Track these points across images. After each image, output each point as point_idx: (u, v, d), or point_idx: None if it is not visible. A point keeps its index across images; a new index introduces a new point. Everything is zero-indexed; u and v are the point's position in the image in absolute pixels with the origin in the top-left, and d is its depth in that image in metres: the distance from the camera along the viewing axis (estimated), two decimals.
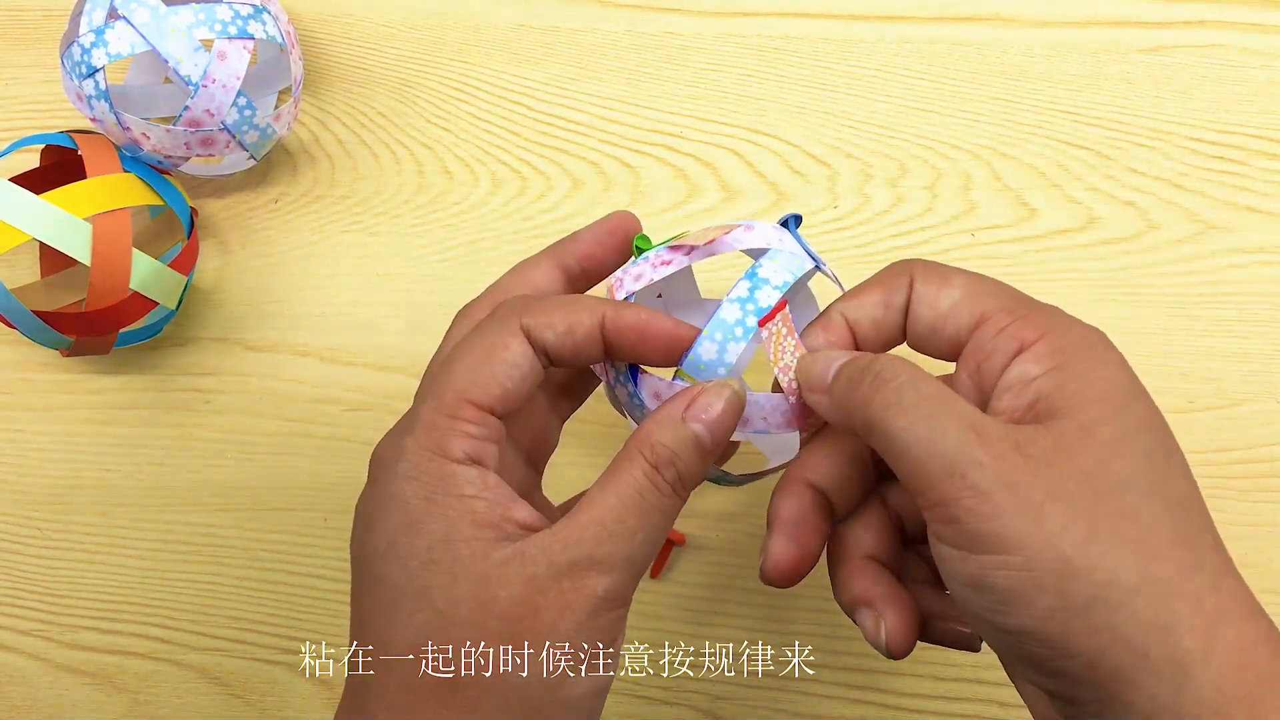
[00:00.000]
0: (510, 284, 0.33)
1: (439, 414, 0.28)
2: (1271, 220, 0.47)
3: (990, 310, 0.29)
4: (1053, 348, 0.28)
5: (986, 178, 0.48)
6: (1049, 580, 0.25)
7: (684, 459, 0.29)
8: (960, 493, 0.25)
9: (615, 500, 0.28)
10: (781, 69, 0.49)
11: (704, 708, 0.44)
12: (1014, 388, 0.28)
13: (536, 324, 0.29)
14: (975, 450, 0.26)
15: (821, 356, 0.30)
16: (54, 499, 0.47)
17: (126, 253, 0.42)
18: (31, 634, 0.47)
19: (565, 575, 0.27)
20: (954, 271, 0.31)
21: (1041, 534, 0.25)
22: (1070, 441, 0.26)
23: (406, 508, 0.28)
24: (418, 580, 0.27)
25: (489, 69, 0.50)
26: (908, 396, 0.27)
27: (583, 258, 0.34)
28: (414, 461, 0.28)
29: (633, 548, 0.28)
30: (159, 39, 0.41)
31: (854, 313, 0.31)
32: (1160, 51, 0.48)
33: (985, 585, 0.25)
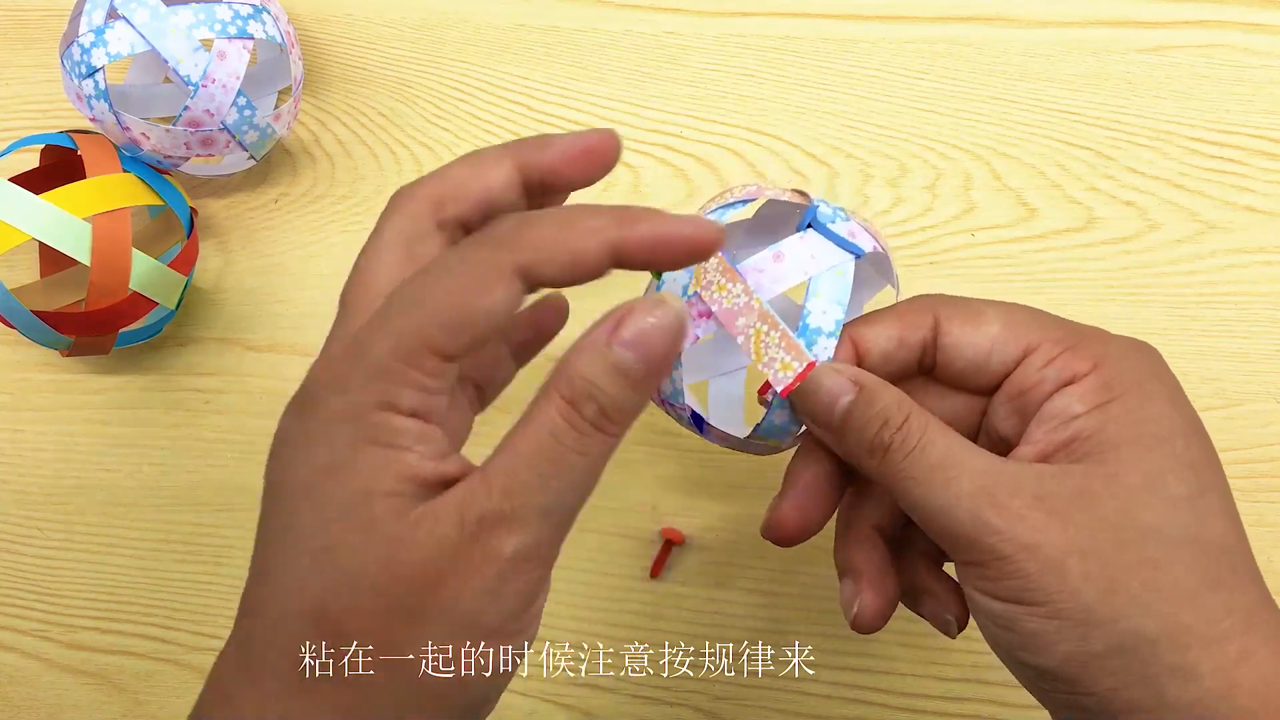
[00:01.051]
0: (461, 175, 0.28)
1: (395, 359, 0.24)
2: (1272, 220, 0.47)
3: (1037, 341, 0.29)
4: (1103, 382, 0.27)
5: (986, 178, 0.48)
6: (1071, 629, 0.25)
7: (608, 391, 0.24)
8: (982, 557, 0.26)
9: (526, 445, 0.24)
10: (781, 69, 0.49)
11: (704, 708, 0.44)
12: (1053, 422, 0.28)
13: (536, 260, 0.25)
14: (990, 517, 0.26)
15: (824, 380, 0.29)
16: (54, 499, 0.47)
17: (126, 253, 0.42)
18: (31, 634, 0.47)
19: (472, 535, 0.24)
20: (984, 305, 0.30)
21: (1065, 588, 0.25)
22: (1096, 489, 0.26)
23: (333, 450, 0.25)
24: (325, 534, 0.25)
25: (489, 69, 0.50)
26: (919, 468, 0.27)
27: (547, 170, 0.29)
28: (355, 402, 0.25)
29: (547, 497, 0.24)
30: (159, 39, 0.41)
31: (866, 340, 0.30)
32: (1160, 51, 0.48)
33: (1011, 628, 0.26)
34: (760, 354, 0.30)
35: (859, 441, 0.28)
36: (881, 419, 0.28)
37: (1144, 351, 0.29)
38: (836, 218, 0.32)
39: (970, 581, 0.27)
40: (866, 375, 0.29)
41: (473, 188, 0.28)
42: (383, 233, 0.28)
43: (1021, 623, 0.26)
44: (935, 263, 0.47)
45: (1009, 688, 0.43)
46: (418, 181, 0.28)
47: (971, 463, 0.27)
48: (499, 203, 0.28)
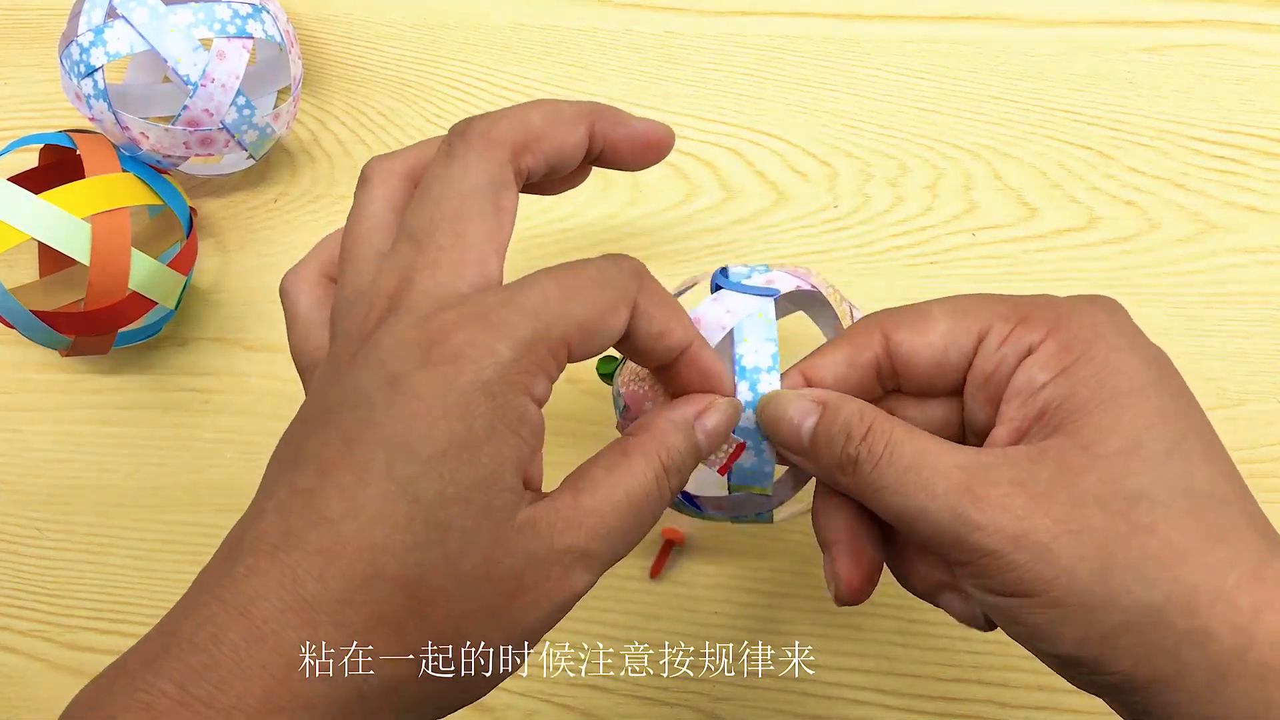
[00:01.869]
0: (541, 126, 0.28)
1: (542, 343, 0.25)
2: (1273, 220, 0.47)
3: (987, 323, 0.28)
4: (1060, 345, 0.27)
5: (987, 177, 0.48)
6: (1075, 614, 0.25)
7: (688, 465, 0.28)
8: (970, 556, 0.26)
9: (624, 497, 0.26)
10: (781, 69, 0.49)
11: (704, 708, 0.44)
12: (1020, 396, 0.27)
13: (642, 309, 0.27)
14: (970, 513, 0.25)
15: (788, 406, 0.29)
16: (53, 499, 0.47)
17: (125, 252, 0.42)
18: (31, 634, 0.47)
19: (558, 561, 0.25)
20: (928, 305, 0.29)
21: (1058, 573, 0.25)
22: (1075, 463, 0.25)
23: (473, 426, 0.24)
24: (446, 510, 0.24)
25: (489, 69, 0.50)
26: (889, 477, 0.27)
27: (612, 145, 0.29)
28: (498, 377, 0.24)
29: (621, 550, 0.27)
30: (158, 38, 0.41)
31: (816, 370, 0.30)
32: (1162, 51, 0.48)
33: (1015, 621, 0.26)
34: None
35: (829, 461, 0.28)
36: (844, 433, 0.28)
37: (1097, 304, 0.28)
38: (752, 274, 0.33)
39: (966, 580, 0.27)
40: (829, 393, 0.29)
41: (550, 143, 0.28)
42: (467, 174, 0.27)
43: (1025, 615, 0.25)
44: (936, 262, 0.47)
45: (1009, 688, 0.43)
46: (493, 119, 0.27)
47: (943, 460, 0.26)
48: (568, 162, 0.29)
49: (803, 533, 0.45)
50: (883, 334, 0.29)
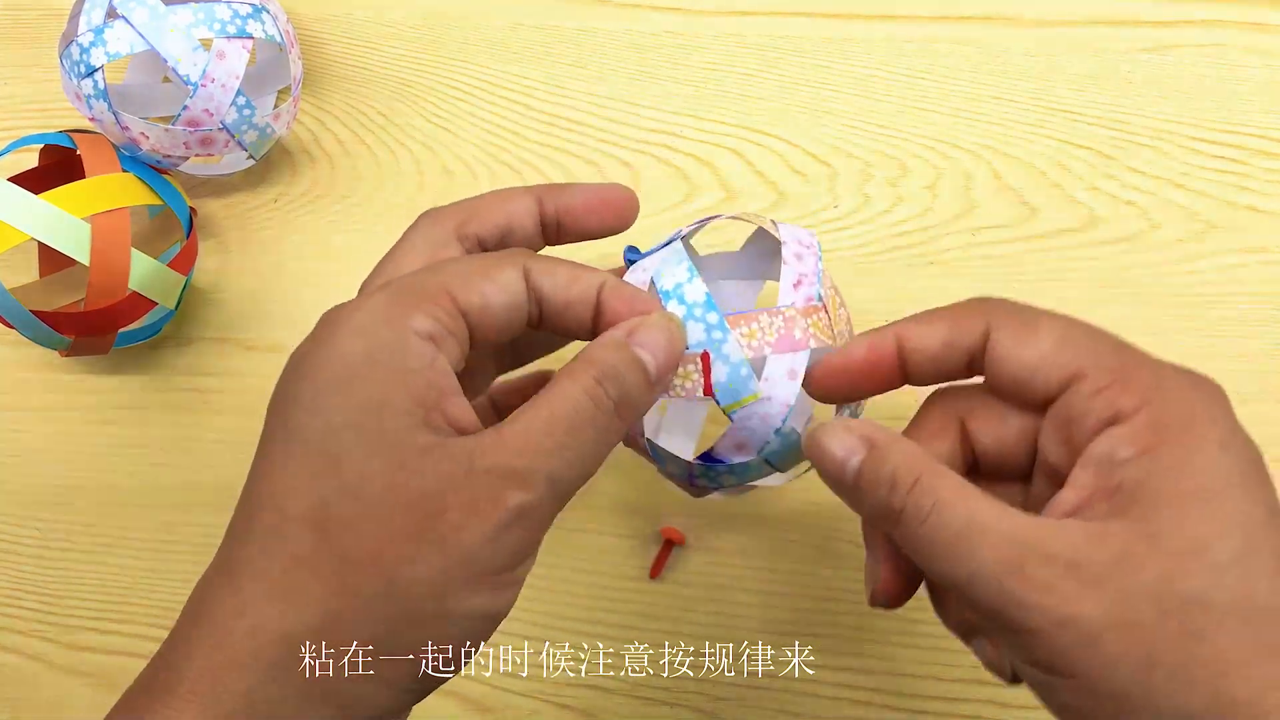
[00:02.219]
0: (486, 202, 0.31)
1: (411, 289, 0.27)
2: (1273, 220, 0.47)
3: (1086, 367, 0.27)
4: (1151, 422, 0.26)
5: (987, 177, 0.48)
6: (1108, 704, 0.24)
7: (628, 379, 0.27)
8: (1013, 629, 0.25)
9: (547, 413, 0.26)
10: (781, 69, 0.49)
11: (704, 708, 0.44)
12: (1100, 465, 0.26)
13: (539, 267, 0.28)
14: (1019, 592, 0.24)
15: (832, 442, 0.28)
16: (53, 499, 0.47)
17: (125, 252, 0.42)
18: (31, 634, 0.47)
19: (481, 480, 0.25)
20: (1041, 316, 0.28)
21: (1100, 664, 0.24)
22: (1136, 552, 0.24)
23: (345, 361, 0.26)
24: (334, 441, 0.25)
25: (489, 69, 0.50)
26: (937, 537, 0.26)
27: (564, 210, 0.32)
28: (370, 319, 0.27)
29: (557, 464, 0.26)
30: (158, 38, 0.41)
31: (913, 340, 0.29)
32: (1161, 51, 0.48)
33: (1048, 696, 0.26)
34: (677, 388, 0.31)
35: (873, 505, 0.27)
36: (890, 482, 0.27)
37: (1200, 388, 0.27)
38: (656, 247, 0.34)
39: (1004, 645, 0.26)
40: (879, 431, 0.28)
41: (494, 213, 0.31)
42: (410, 237, 0.31)
43: (1057, 693, 0.25)
44: (935, 262, 0.47)
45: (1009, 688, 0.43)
46: (446, 205, 0.31)
47: (995, 530, 0.25)
48: (517, 229, 0.32)
49: (803, 532, 0.45)
50: (988, 327, 0.28)
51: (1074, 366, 0.27)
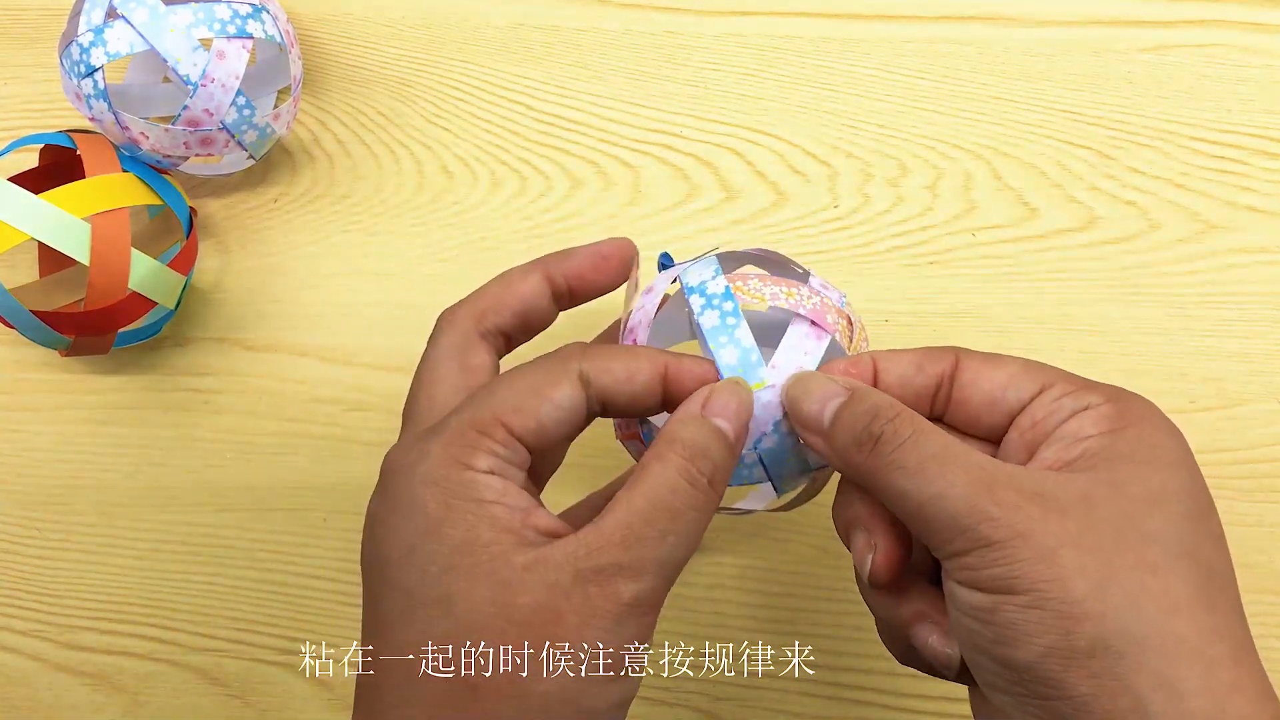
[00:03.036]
0: (495, 291, 0.33)
1: (469, 427, 0.28)
2: (1273, 220, 0.47)
3: (1052, 380, 0.29)
4: (1116, 412, 0.28)
5: (987, 177, 0.48)
6: (1054, 620, 0.25)
7: (715, 452, 0.28)
8: (972, 545, 0.26)
9: (643, 502, 0.27)
10: (781, 69, 0.49)
11: (704, 708, 0.44)
12: (1064, 440, 0.28)
13: (595, 368, 0.29)
14: (985, 504, 0.26)
15: (815, 386, 0.29)
16: (53, 499, 0.47)
17: (125, 252, 0.42)
18: (30, 634, 0.47)
19: (591, 581, 0.26)
20: (1005, 355, 0.30)
21: (1055, 577, 0.25)
22: (1099, 493, 0.26)
23: (425, 512, 0.27)
24: (437, 586, 0.27)
25: (489, 69, 0.50)
26: (911, 457, 0.27)
27: (571, 276, 0.33)
28: (434, 466, 0.28)
29: (662, 550, 0.27)
30: (158, 38, 0.41)
31: (885, 362, 0.31)
32: (1162, 51, 0.48)
33: (990, 620, 0.26)
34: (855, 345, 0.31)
35: (848, 438, 0.28)
36: (872, 413, 0.28)
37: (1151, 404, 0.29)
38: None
39: (953, 574, 0.27)
40: (858, 382, 0.30)
41: (507, 299, 0.33)
42: (435, 349, 0.32)
43: (1002, 613, 0.25)
44: (935, 262, 0.47)
45: None
46: (458, 303, 0.33)
47: (970, 457, 0.27)
48: (533, 309, 0.33)
49: (802, 533, 0.45)
50: (956, 357, 0.30)
51: (1040, 381, 0.29)
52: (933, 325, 0.46)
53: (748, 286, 0.32)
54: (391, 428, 0.47)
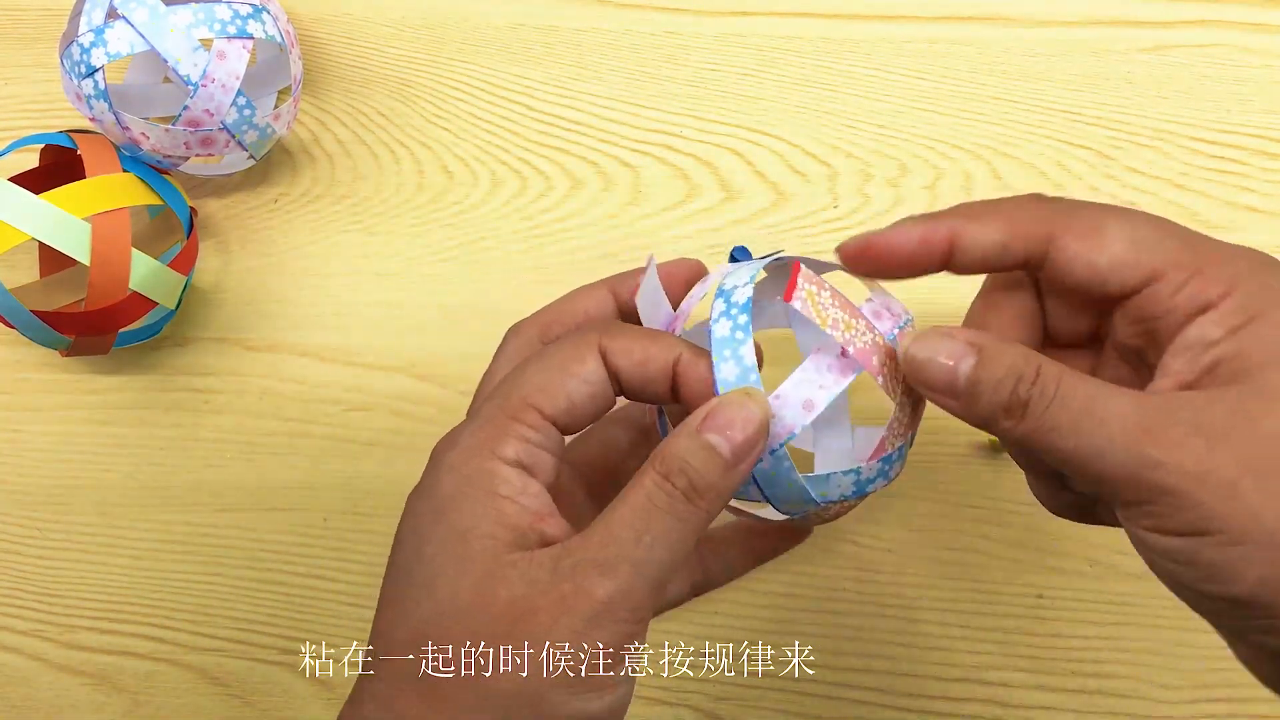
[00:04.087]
0: (561, 304, 0.34)
1: (500, 413, 0.28)
2: (1273, 220, 0.47)
3: (1163, 265, 0.27)
4: (1239, 305, 0.26)
5: (987, 177, 0.48)
6: (1257, 553, 0.24)
7: (696, 467, 0.27)
8: (1148, 495, 0.25)
9: (624, 509, 0.27)
10: (781, 69, 0.49)
11: (704, 708, 0.44)
12: (1191, 350, 0.26)
13: (614, 347, 0.29)
14: (1150, 451, 0.25)
15: (939, 346, 0.28)
16: (53, 499, 0.47)
17: (126, 252, 0.42)
18: (30, 634, 0.47)
19: (566, 578, 0.26)
20: (1107, 216, 0.28)
21: (1243, 510, 0.24)
22: (1251, 406, 0.25)
23: (439, 496, 0.28)
24: (429, 567, 0.27)
25: (489, 69, 0.50)
26: (1062, 417, 0.26)
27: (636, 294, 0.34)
28: (460, 454, 0.28)
29: (639, 551, 0.27)
30: (158, 38, 0.41)
31: (968, 238, 0.28)
32: (1161, 51, 0.48)
33: (1190, 561, 0.25)
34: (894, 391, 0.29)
35: (992, 404, 0.27)
36: (1015, 376, 0.26)
37: (1272, 267, 0.27)
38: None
39: (1138, 521, 0.26)
40: (982, 335, 0.28)
41: (572, 311, 0.33)
42: (499, 359, 0.33)
43: (1203, 554, 0.25)
44: None
45: (1009, 688, 0.43)
46: (528, 317, 0.34)
47: (1117, 402, 0.26)
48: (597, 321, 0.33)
49: None
50: (1049, 233, 0.28)
51: (1149, 268, 0.27)
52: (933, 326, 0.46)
53: (820, 299, 0.30)
54: (391, 427, 0.48)
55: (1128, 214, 0.28)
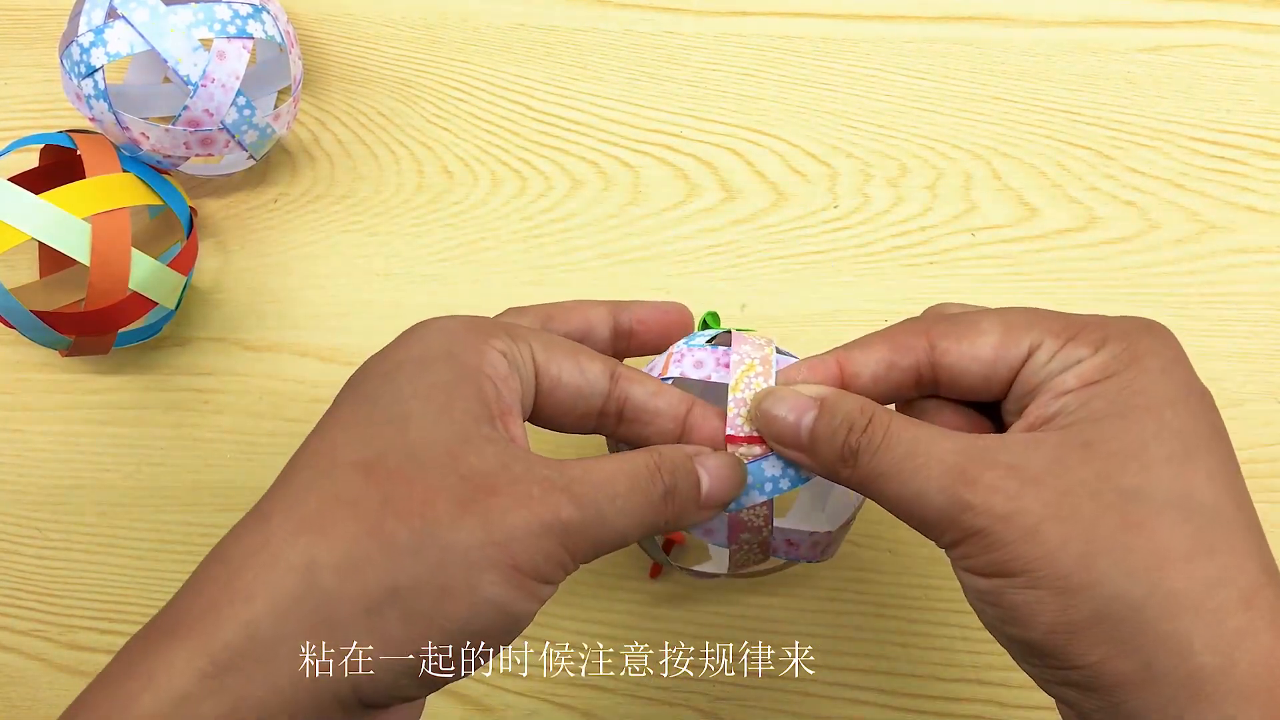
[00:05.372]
0: (566, 305, 0.34)
1: (499, 324, 0.29)
2: (1272, 220, 0.47)
3: (1039, 339, 0.28)
4: (1101, 363, 0.27)
5: (987, 177, 0.48)
6: (1051, 598, 0.25)
7: (683, 480, 0.29)
8: (961, 536, 0.26)
9: (611, 466, 0.28)
10: (781, 69, 0.49)
11: (704, 708, 0.44)
12: (1045, 395, 0.27)
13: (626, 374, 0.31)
14: (963, 494, 0.26)
15: (784, 399, 0.29)
16: (53, 499, 0.47)
17: (126, 252, 0.42)
18: (30, 634, 0.47)
19: (536, 482, 0.26)
20: (977, 315, 0.29)
21: (1041, 554, 0.25)
22: (1069, 454, 0.26)
23: (426, 348, 0.28)
24: (401, 407, 0.27)
25: (489, 69, 0.50)
26: (885, 463, 0.27)
27: (637, 320, 0.35)
28: (456, 325, 0.28)
29: (608, 505, 0.27)
30: (158, 38, 0.41)
31: (855, 363, 0.30)
32: (1161, 51, 0.48)
33: (995, 603, 0.26)
34: (738, 386, 0.31)
35: (829, 453, 0.28)
36: (846, 426, 0.28)
37: (1146, 329, 0.28)
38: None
39: (956, 562, 0.27)
40: (824, 389, 0.29)
41: (575, 314, 0.34)
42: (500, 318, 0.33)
43: (1005, 596, 0.26)
44: (935, 262, 0.47)
45: (1009, 688, 0.43)
46: (530, 305, 0.34)
47: (940, 446, 0.27)
48: (594, 332, 0.34)
49: None
50: (929, 341, 0.29)
51: (1027, 343, 0.28)
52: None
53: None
54: None
55: (1000, 310, 0.29)
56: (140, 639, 0.25)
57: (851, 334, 0.47)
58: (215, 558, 0.26)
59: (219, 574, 0.25)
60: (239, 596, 0.24)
